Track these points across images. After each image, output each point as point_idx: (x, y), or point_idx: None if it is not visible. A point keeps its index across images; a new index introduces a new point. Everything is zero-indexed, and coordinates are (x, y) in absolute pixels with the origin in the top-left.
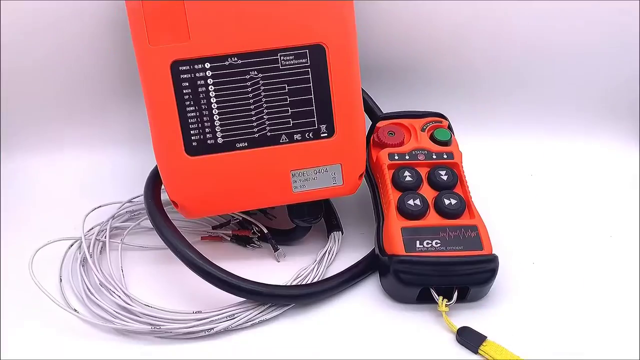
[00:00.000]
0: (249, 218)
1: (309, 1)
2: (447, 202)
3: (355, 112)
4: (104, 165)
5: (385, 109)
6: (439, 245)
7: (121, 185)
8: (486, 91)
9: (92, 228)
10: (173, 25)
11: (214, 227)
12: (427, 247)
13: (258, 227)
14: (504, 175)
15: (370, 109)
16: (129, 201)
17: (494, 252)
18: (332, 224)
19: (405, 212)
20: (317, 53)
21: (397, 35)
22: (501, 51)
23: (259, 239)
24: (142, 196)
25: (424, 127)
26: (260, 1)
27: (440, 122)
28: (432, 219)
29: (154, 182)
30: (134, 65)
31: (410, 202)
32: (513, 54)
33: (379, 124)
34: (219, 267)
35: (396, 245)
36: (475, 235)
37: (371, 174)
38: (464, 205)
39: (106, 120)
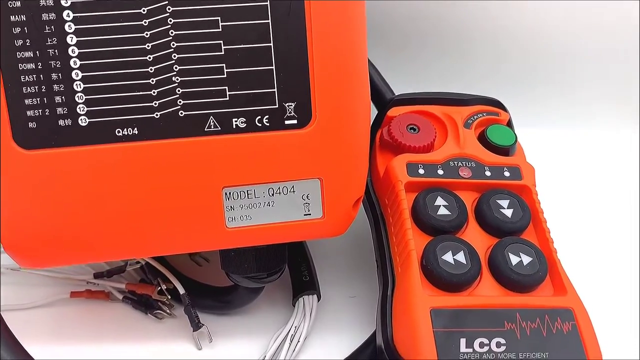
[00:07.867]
0: (154, 263)
1: None
2: (515, 260)
3: (353, 84)
4: None
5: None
6: (503, 350)
7: None
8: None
9: None
10: None
11: (96, 275)
12: (481, 355)
13: (169, 281)
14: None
15: (376, 89)
16: None
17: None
18: (302, 280)
19: (438, 276)
20: None
21: None
22: None
23: (170, 301)
24: None
25: (469, 121)
26: None
27: (498, 114)
28: (487, 289)
29: None
30: None
31: (448, 257)
32: None
33: (392, 112)
34: None
35: (423, 349)
36: (570, 328)
37: (374, 197)
38: (546, 268)
39: None
